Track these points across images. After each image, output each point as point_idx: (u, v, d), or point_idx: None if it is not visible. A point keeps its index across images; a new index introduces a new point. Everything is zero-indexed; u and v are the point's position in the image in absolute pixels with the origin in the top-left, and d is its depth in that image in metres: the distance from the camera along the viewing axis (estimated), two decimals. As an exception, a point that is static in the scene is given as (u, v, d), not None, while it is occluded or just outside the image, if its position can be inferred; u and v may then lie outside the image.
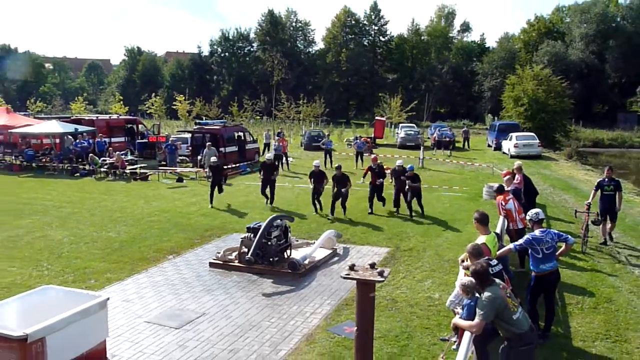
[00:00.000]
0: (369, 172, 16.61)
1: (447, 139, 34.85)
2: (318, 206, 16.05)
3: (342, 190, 15.27)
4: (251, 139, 29.85)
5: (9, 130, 28.11)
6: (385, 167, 25.62)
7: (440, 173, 25.16)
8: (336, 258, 11.64)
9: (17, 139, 28.65)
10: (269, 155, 20.23)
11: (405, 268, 10.82)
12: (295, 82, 75.61)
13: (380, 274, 5.90)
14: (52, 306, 7.03)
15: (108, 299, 7.23)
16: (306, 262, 10.80)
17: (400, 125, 44.42)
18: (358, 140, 29.22)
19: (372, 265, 6.08)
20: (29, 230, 13.82)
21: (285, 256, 11.07)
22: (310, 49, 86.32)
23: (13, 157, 26.72)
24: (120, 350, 7.41)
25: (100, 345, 7.09)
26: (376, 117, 48.94)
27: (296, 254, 11.16)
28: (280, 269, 10.55)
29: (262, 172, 17.09)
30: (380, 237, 13.34)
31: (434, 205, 17.16)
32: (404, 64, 78.93)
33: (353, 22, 79.78)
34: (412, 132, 39.73)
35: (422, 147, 29.33)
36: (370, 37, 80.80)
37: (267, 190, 17.03)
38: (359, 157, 27.07)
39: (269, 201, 16.98)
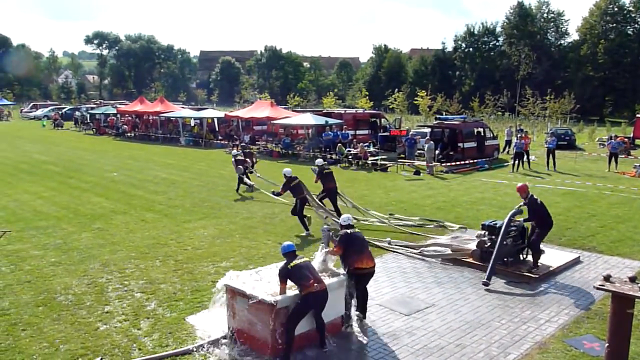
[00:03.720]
0: None
1: None
2: None
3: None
4: (491, 135, 28.96)
5: (272, 121, 32.18)
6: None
7: None
8: (578, 266, 10.79)
9: (278, 129, 32.56)
10: (319, 160, 15.70)
11: (663, 287, 9.51)
12: (542, 77, 70.67)
13: None
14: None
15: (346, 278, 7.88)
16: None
17: None
18: (612, 140, 26.15)
19: (633, 279, 5.57)
20: (282, 210, 15.59)
21: (521, 258, 10.64)
22: (562, 41, 79.68)
23: (274, 145, 30.32)
24: (355, 327, 7.98)
25: (337, 320, 7.81)
26: (637, 115, 43.10)
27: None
28: (515, 270, 10.18)
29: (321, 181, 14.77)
30: (635, 249, 11.91)
31: None
32: (682, 53, 67.75)
33: (616, 9, 71.18)
34: None
35: None
36: (636, 25, 71.18)
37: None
38: (613, 159, 24.38)
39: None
